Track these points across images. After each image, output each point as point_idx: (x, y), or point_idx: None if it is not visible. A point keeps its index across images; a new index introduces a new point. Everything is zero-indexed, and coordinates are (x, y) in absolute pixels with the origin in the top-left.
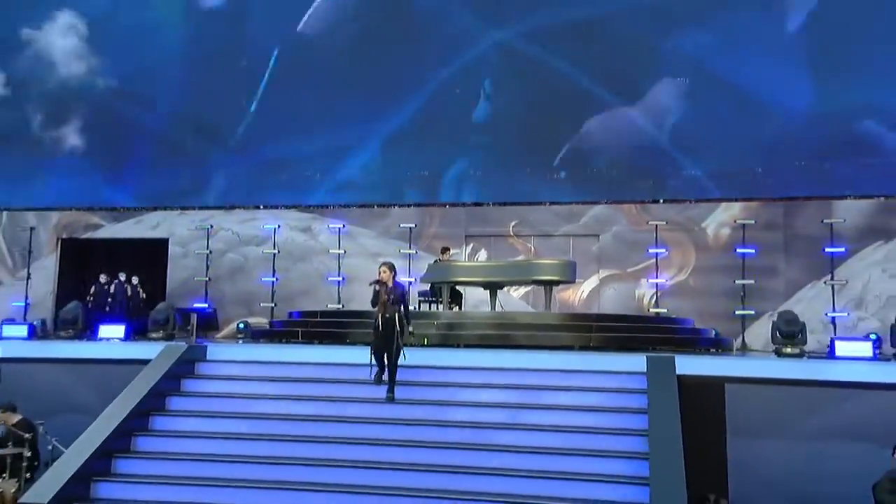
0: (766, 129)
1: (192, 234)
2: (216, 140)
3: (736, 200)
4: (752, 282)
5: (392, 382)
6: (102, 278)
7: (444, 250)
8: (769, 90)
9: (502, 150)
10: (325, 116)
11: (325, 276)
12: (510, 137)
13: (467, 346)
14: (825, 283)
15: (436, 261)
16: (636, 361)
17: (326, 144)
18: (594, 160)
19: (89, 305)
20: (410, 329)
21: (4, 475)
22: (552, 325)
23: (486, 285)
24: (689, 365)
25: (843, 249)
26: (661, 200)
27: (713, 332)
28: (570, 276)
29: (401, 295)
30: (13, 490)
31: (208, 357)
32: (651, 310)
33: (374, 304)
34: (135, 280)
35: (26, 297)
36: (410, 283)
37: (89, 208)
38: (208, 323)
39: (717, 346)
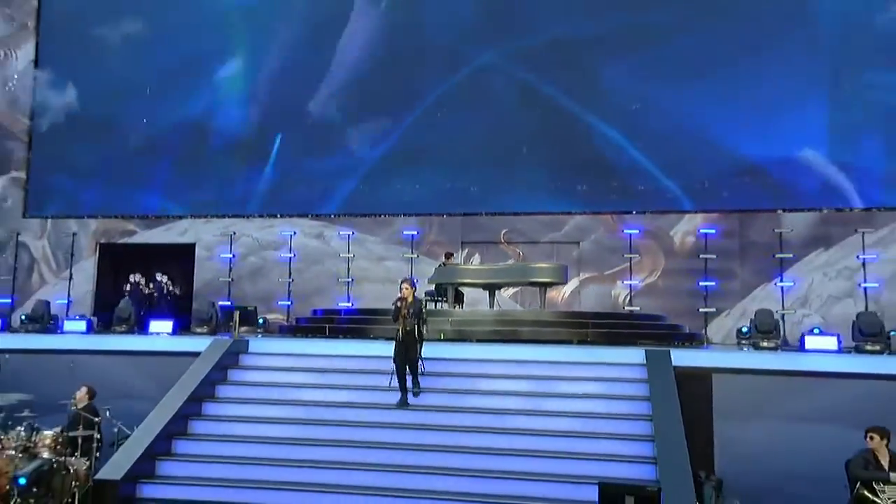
0: (722, 148)
1: (216, 240)
2: (240, 155)
3: (698, 212)
4: (713, 283)
5: (416, 379)
6: (134, 278)
7: (448, 255)
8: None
9: (495, 165)
10: (337, 136)
11: (335, 277)
12: (502, 154)
13: (479, 340)
14: (775, 284)
15: (441, 264)
16: (634, 354)
17: (338, 161)
18: (576, 175)
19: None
20: (426, 337)
21: (76, 454)
22: (551, 322)
23: (486, 286)
24: (682, 357)
25: (791, 255)
26: (634, 211)
27: (686, 328)
28: (562, 278)
29: (418, 309)
30: (85, 468)
31: (250, 350)
32: (626, 308)
33: (394, 318)
34: (164, 279)
35: (69, 296)
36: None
37: (125, 216)
38: (248, 319)
39: (691, 339)
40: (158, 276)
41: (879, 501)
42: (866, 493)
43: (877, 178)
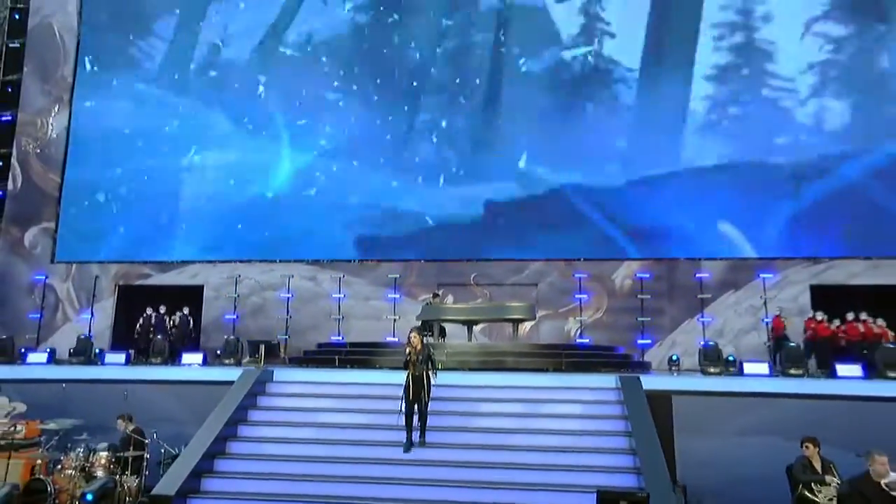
0: (651, 206)
1: (222, 282)
2: (243, 212)
3: (635, 259)
4: (648, 319)
5: (423, 428)
6: (156, 314)
7: (435, 295)
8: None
9: (466, 218)
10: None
11: (328, 314)
12: (470, 209)
13: (471, 369)
14: (697, 319)
15: (428, 303)
16: (608, 380)
17: (329, 214)
18: (536, 227)
19: (136, 335)
20: (434, 382)
21: (127, 473)
22: (528, 353)
23: (466, 322)
24: (647, 382)
25: (709, 296)
26: (582, 258)
27: (635, 357)
28: (532, 315)
29: (427, 356)
30: (135, 485)
31: (275, 379)
32: (576, 340)
33: (405, 365)
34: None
35: (90, 331)
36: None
37: (141, 262)
38: (272, 351)
39: (640, 366)
40: (179, 313)
41: (818, 500)
42: (806, 493)
43: (773, 235)
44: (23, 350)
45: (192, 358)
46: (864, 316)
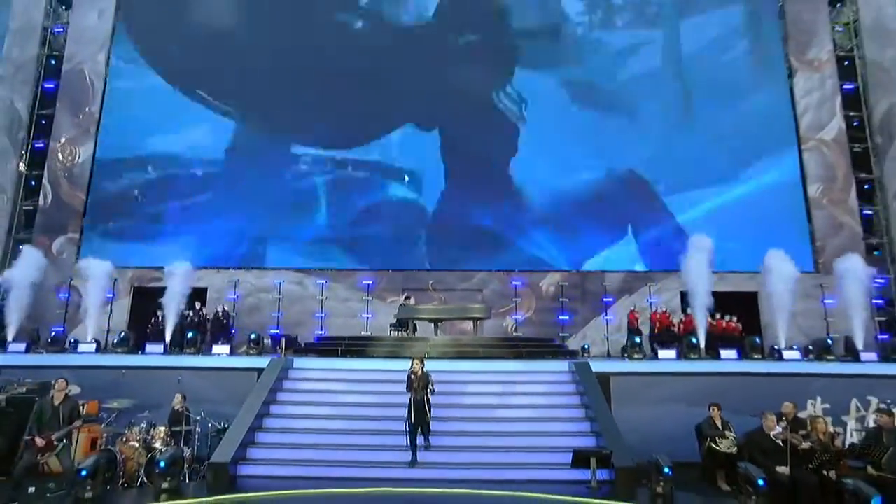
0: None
1: (224, 285)
2: (240, 225)
3: (557, 271)
4: (567, 317)
5: (427, 437)
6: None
7: (407, 298)
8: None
9: (425, 235)
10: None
11: (312, 313)
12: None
13: (451, 358)
14: (603, 318)
15: (402, 305)
16: (563, 365)
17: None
18: (480, 243)
19: (149, 329)
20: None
21: (180, 444)
22: (491, 345)
23: (433, 320)
24: (594, 366)
25: (611, 299)
26: (517, 270)
27: (568, 346)
28: (488, 314)
29: (426, 382)
30: (188, 454)
31: (294, 366)
32: (513, 334)
33: (408, 388)
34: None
35: (108, 326)
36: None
37: (154, 268)
38: (290, 344)
39: (571, 353)
40: (198, 309)
41: (720, 449)
42: (711, 444)
43: (656, 253)
44: (73, 340)
45: (221, 349)
46: (719, 315)
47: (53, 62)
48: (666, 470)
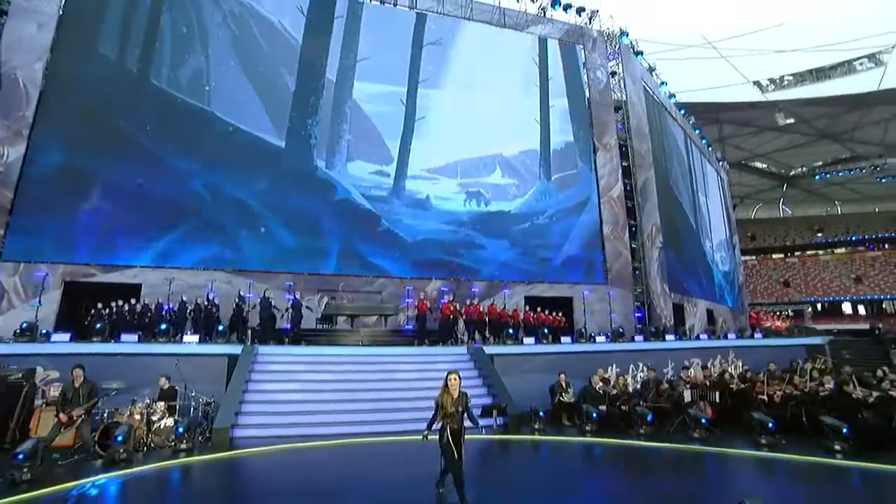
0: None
1: (159, 283)
2: (176, 224)
3: (440, 279)
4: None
5: (462, 487)
6: (115, 305)
7: (332, 298)
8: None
9: (341, 244)
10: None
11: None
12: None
13: (377, 344)
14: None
15: (327, 303)
16: (461, 349)
17: (244, 233)
18: (379, 254)
19: (87, 320)
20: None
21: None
22: (401, 334)
23: (353, 316)
24: (486, 350)
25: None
26: (409, 277)
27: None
28: (396, 311)
29: (465, 404)
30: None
31: (261, 352)
32: (405, 327)
33: (440, 413)
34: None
35: (36, 317)
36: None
37: (87, 263)
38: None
39: (457, 341)
40: (133, 302)
41: (565, 399)
42: (560, 397)
43: (510, 266)
44: (45, 332)
45: (191, 338)
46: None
47: None
48: (541, 414)
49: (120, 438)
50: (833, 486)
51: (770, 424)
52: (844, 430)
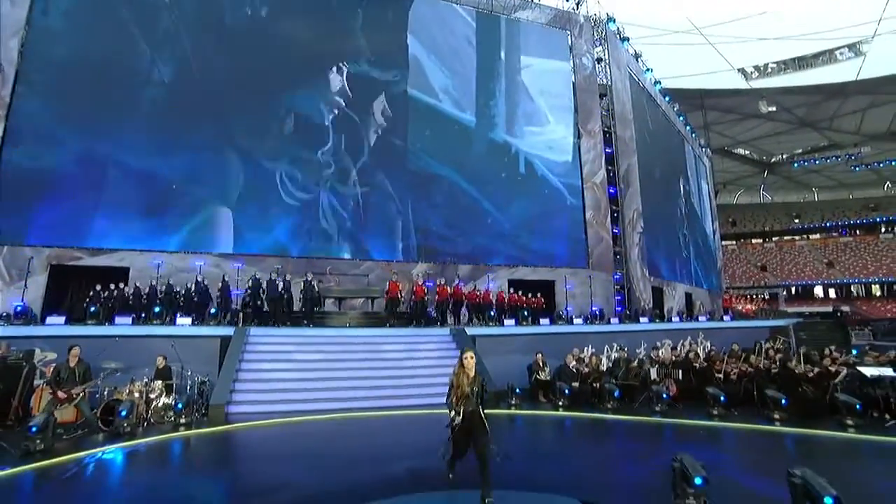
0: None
1: (146, 266)
2: (162, 211)
3: (426, 262)
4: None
5: (488, 480)
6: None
7: (320, 282)
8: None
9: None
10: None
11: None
12: (339, 222)
13: (368, 326)
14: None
15: (316, 284)
16: (444, 330)
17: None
18: (368, 237)
19: (84, 303)
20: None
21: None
22: (388, 316)
23: (341, 298)
24: (468, 331)
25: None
26: (395, 260)
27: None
28: (382, 294)
29: (481, 386)
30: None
31: (251, 334)
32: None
33: (454, 395)
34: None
35: (22, 299)
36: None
37: (74, 247)
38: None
39: (440, 322)
40: (121, 286)
41: (541, 377)
42: (537, 376)
43: (494, 251)
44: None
45: (184, 320)
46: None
47: None
48: (517, 391)
49: (124, 413)
50: (768, 448)
51: (721, 398)
52: (783, 402)
